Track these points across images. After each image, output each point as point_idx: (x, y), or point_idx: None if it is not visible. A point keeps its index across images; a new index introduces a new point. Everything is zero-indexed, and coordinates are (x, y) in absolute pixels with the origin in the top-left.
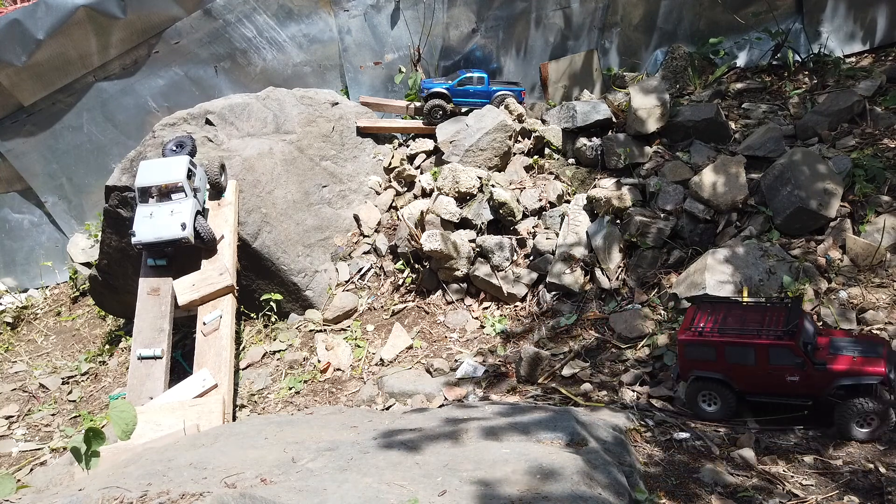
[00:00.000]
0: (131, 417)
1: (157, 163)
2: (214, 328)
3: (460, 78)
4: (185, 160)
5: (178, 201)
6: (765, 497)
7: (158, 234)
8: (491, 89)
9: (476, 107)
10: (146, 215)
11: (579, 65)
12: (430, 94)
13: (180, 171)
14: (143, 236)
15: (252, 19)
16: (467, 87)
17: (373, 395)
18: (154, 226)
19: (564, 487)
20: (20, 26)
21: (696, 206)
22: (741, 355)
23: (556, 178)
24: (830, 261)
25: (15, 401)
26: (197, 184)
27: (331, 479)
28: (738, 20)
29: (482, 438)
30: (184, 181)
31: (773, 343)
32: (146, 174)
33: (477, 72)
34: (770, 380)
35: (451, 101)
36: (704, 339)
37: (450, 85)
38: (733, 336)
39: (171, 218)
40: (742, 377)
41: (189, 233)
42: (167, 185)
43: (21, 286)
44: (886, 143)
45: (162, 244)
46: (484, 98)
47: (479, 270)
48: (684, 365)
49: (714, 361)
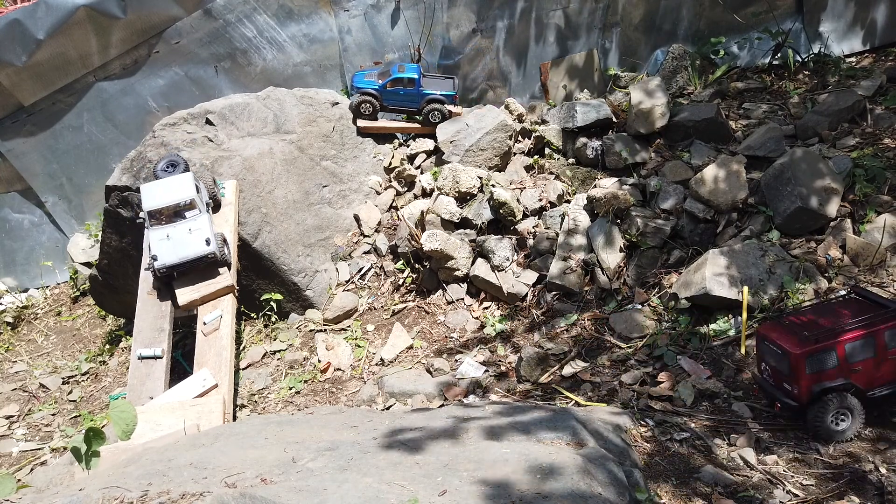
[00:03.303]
0: (131, 417)
1: (160, 184)
2: (215, 328)
3: (391, 78)
4: (190, 176)
5: (194, 218)
6: (765, 497)
7: (182, 254)
8: (422, 92)
9: (407, 109)
10: (162, 238)
11: (579, 65)
12: (360, 92)
13: (189, 188)
14: (165, 259)
15: (252, 19)
16: (398, 88)
17: (373, 395)
18: (175, 246)
19: (565, 487)
20: (20, 26)
21: (697, 205)
22: (862, 349)
23: (557, 178)
24: (830, 260)
25: (15, 401)
26: (205, 199)
27: (331, 479)
28: (739, 20)
29: (482, 438)
30: (196, 197)
31: (890, 325)
32: (154, 196)
33: (409, 71)
34: (889, 367)
35: (381, 101)
36: (824, 344)
37: (379, 85)
38: (853, 331)
39: (191, 236)
40: (864, 374)
41: (214, 248)
42: (179, 205)
43: (21, 286)
44: (887, 142)
45: (187, 264)
46: (414, 101)
47: (479, 270)
48: (807, 383)
49: (836, 367)
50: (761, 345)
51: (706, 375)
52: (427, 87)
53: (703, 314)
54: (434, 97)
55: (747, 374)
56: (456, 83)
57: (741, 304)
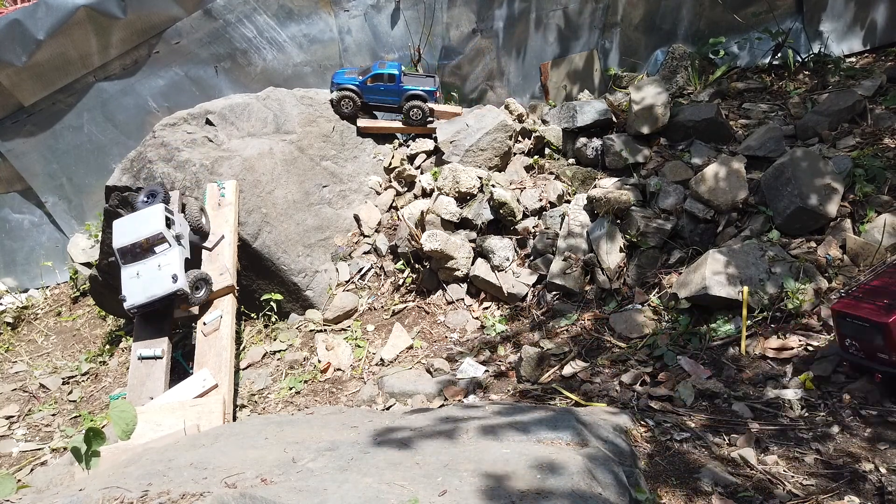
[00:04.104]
0: (131, 417)
1: (130, 219)
2: (214, 328)
3: (371, 74)
4: (160, 209)
5: (163, 253)
6: (765, 497)
7: (150, 292)
8: (403, 88)
9: (387, 105)
10: (132, 276)
11: (579, 65)
12: (340, 88)
13: (158, 221)
14: (134, 299)
15: (252, 19)
16: (378, 84)
17: (373, 395)
18: (144, 285)
19: (565, 487)
20: (20, 26)
21: (697, 205)
22: None
23: (557, 178)
24: (831, 260)
25: (15, 401)
26: (179, 230)
27: (331, 479)
28: (739, 20)
29: (482, 438)
30: (164, 231)
31: None
32: (122, 234)
33: (390, 67)
34: None
35: (361, 97)
36: None
37: (360, 81)
38: None
39: (160, 272)
40: None
41: (182, 284)
42: (147, 240)
43: (21, 286)
44: (887, 142)
45: (156, 302)
46: (395, 96)
47: (479, 270)
48: None
49: None
50: (842, 323)
51: (706, 375)
52: (408, 84)
53: (703, 314)
54: (415, 93)
55: (748, 374)
56: (437, 81)
57: (741, 303)
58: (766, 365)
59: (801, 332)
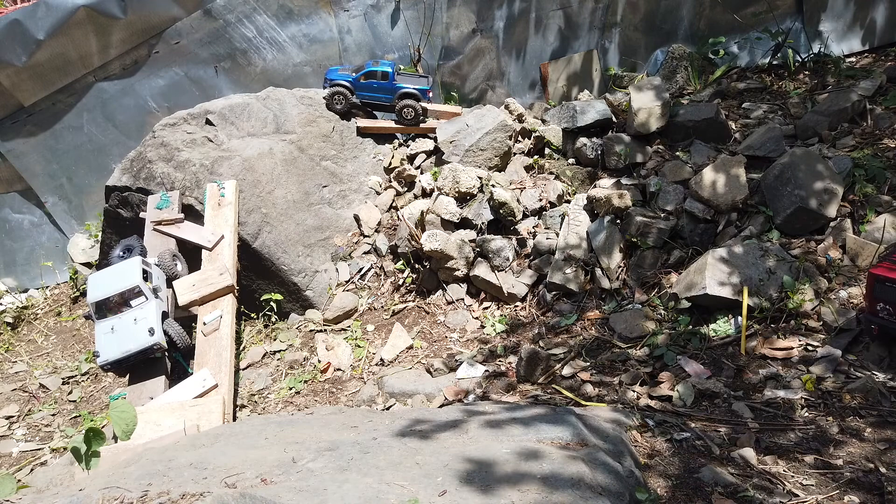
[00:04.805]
0: (131, 417)
1: (106, 273)
2: (214, 328)
3: (365, 71)
4: (137, 261)
5: (140, 306)
6: (765, 497)
7: (125, 347)
8: (396, 86)
9: (380, 103)
10: (107, 331)
11: (579, 65)
12: (332, 84)
13: (134, 274)
14: (108, 354)
15: (252, 19)
16: (371, 81)
17: (373, 395)
18: (119, 340)
19: (565, 486)
20: (20, 26)
21: (697, 205)
22: None
23: (557, 178)
24: (831, 260)
25: (15, 401)
26: (156, 283)
27: (331, 480)
28: (738, 20)
29: (482, 438)
30: (140, 284)
31: None
32: (98, 287)
33: (384, 65)
34: None
35: (354, 93)
36: None
37: (353, 78)
38: None
39: (136, 326)
40: None
41: (159, 337)
42: (123, 293)
43: (21, 286)
44: (886, 142)
45: (132, 357)
46: (387, 94)
47: (479, 270)
48: None
49: None
50: (880, 287)
51: (706, 375)
52: (401, 82)
53: (703, 314)
54: (407, 91)
55: (748, 373)
56: (430, 80)
57: (741, 304)
58: (766, 365)
59: (801, 332)
